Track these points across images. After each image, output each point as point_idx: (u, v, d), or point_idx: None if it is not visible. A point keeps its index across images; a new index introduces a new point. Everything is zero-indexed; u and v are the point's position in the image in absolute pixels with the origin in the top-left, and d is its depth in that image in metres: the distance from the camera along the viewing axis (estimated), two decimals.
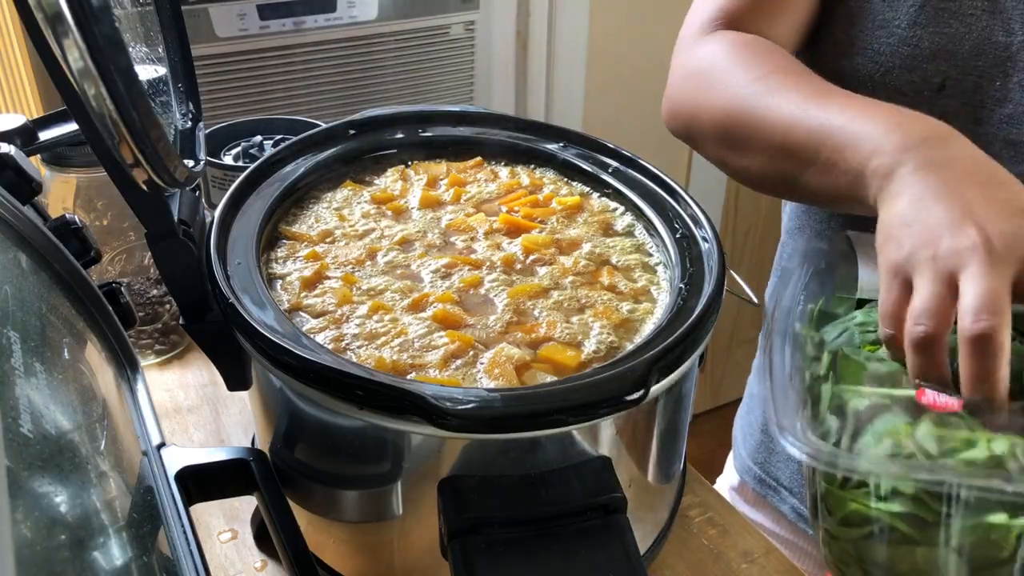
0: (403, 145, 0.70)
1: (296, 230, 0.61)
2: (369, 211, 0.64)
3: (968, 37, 0.64)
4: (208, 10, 1.29)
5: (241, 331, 0.49)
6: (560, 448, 0.46)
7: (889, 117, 0.55)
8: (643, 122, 1.75)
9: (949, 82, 0.66)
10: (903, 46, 0.66)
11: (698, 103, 0.67)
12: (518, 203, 0.65)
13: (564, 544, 0.44)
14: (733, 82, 0.64)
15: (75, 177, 0.75)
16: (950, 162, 0.51)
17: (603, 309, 0.55)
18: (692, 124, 0.69)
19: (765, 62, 0.64)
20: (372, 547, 0.53)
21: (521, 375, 0.50)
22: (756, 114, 0.61)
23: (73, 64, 0.37)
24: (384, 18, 1.43)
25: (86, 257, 0.51)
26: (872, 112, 0.56)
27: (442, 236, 0.61)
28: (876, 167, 0.53)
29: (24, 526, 0.27)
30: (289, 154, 0.65)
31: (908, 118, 0.54)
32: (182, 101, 0.59)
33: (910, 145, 0.52)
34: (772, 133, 0.60)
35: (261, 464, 0.50)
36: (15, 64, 1.19)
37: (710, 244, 0.57)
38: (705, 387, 2.11)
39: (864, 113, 0.56)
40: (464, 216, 0.63)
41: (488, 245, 0.60)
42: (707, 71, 0.67)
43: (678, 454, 0.58)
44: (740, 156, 0.64)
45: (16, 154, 0.50)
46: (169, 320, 0.79)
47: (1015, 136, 0.64)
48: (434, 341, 0.51)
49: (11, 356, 0.34)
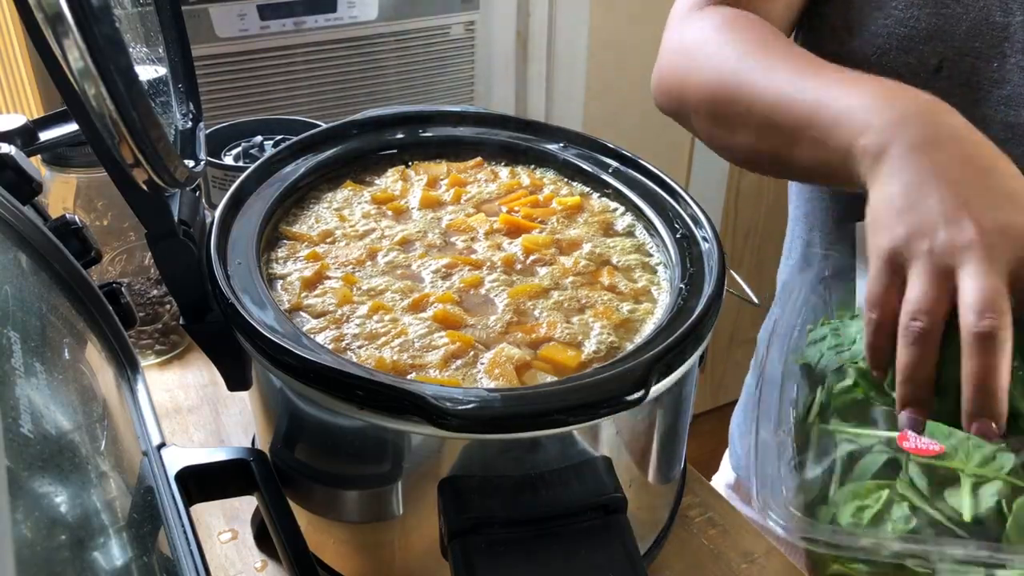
0: (403, 145, 0.70)
1: (296, 230, 0.61)
2: (369, 211, 0.64)
3: (965, 17, 0.63)
4: (208, 10, 1.29)
5: (241, 331, 0.49)
6: (560, 448, 0.46)
7: (880, 91, 0.53)
8: (643, 122, 1.75)
9: (946, 64, 0.65)
10: (900, 27, 0.65)
11: (687, 78, 0.66)
12: (518, 203, 0.65)
13: (564, 544, 0.44)
14: (723, 57, 0.63)
15: (75, 177, 0.75)
16: (944, 142, 0.49)
17: (603, 309, 0.55)
18: (681, 100, 0.68)
19: (755, 38, 0.63)
20: (372, 547, 0.53)
21: (521, 375, 0.50)
22: (745, 89, 0.60)
23: (73, 64, 0.37)
24: (384, 18, 1.43)
25: (86, 257, 0.51)
26: (863, 86, 0.54)
27: (442, 236, 0.61)
28: (866, 145, 0.51)
29: (24, 526, 0.27)
30: (289, 154, 0.65)
31: (900, 92, 0.53)
32: (182, 101, 0.59)
33: (901, 121, 0.50)
34: (761, 109, 0.59)
35: (261, 464, 0.50)
36: (15, 64, 1.19)
37: (710, 244, 0.57)
38: (705, 387, 2.11)
39: (855, 87, 0.54)
40: (464, 216, 0.63)
41: (488, 245, 0.60)
42: (697, 47, 0.66)
43: (678, 454, 0.58)
44: (729, 133, 0.64)
45: (16, 154, 0.50)
46: (169, 320, 0.79)
47: (1013, 118, 0.63)
48: (434, 341, 0.51)
49: (11, 356, 0.34)
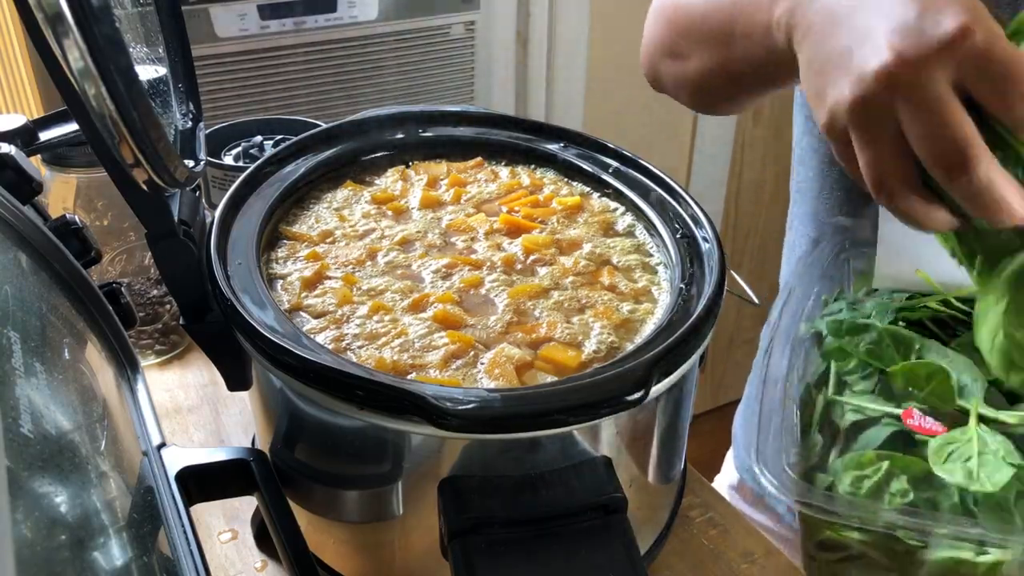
0: (403, 145, 0.70)
1: (296, 230, 0.61)
2: (369, 211, 0.64)
3: None
4: (208, 10, 1.29)
5: (241, 331, 0.49)
6: (560, 448, 0.46)
7: None
8: (644, 122, 1.75)
9: None
10: None
11: (651, 34, 0.66)
12: (518, 203, 0.65)
13: (564, 544, 0.44)
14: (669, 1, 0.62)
15: (75, 177, 0.75)
16: None
17: (603, 309, 0.55)
18: (652, 57, 0.67)
19: None
20: (372, 547, 0.53)
21: (521, 375, 0.50)
22: (682, 14, 0.60)
23: (73, 64, 0.37)
24: (384, 18, 1.43)
25: (86, 257, 0.51)
26: None
27: (442, 236, 0.61)
28: (780, 15, 0.49)
29: (24, 526, 0.27)
30: (289, 154, 0.65)
31: None
32: (182, 101, 0.59)
33: None
34: (700, 24, 0.58)
35: (261, 464, 0.50)
36: (15, 64, 1.19)
37: (710, 244, 0.57)
38: (705, 387, 2.11)
39: None
40: (464, 216, 0.63)
41: (488, 245, 0.60)
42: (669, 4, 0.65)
43: (678, 454, 0.58)
44: (683, 63, 0.63)
45: (16, 154, 0.50)
46: (169, 320, 0.79)
47: None
48: (434, 341, 0.51)
49: (11, 356, 0.34)
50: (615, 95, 1.74)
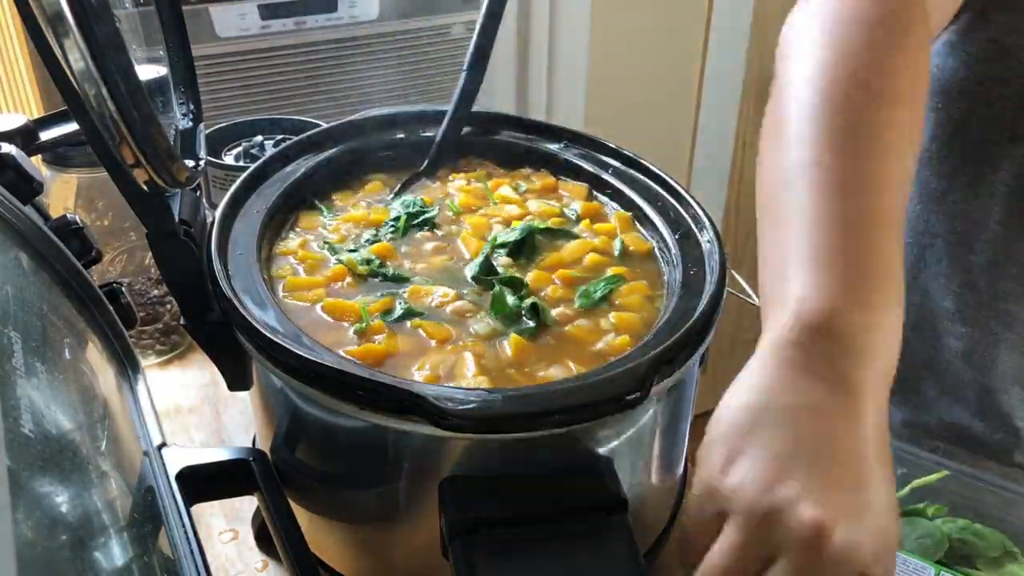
0: (403, 145, 0.69)
1: (296, 231, 0.61)
2: (368, 214, 0.64)
3: None
4: (209, 10, 1.29)
5: (242, 331, 0.49)
6: (561, 448, 0.46)
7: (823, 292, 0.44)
8: (645, 122, 1.75)
9: None
10: None
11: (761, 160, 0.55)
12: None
13: (565, 544, 0.43)
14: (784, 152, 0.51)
15: (76, 177, 0.75)
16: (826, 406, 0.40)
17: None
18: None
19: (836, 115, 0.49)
20: (373, 547, 0.53)
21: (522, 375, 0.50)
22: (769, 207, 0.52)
23: (74, 64, 0.37)
24: (385, 18, 1.43)
25: (87, 257, 0.51)
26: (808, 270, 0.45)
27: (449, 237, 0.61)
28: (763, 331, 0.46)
29: (25, 526, 0.27)
30: (290, 154, 0.65)
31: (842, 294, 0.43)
32: (182, 101, 0.59)
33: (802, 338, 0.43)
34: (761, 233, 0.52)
35: (262, 464, 0.50)
36: (15, 64, 1.19)
37: (712, 244, 0.57)
38: (706, 387, 2.11)
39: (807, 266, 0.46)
40: (471, 229, 0.63)
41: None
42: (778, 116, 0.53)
43: (679, 454, 0.58)
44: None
45: (17, 154, 0.50)
46: (170, 320, 0.79)
47: None
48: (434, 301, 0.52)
49: (12, 356, 0.34)
50: (616, 95, 1.74)
